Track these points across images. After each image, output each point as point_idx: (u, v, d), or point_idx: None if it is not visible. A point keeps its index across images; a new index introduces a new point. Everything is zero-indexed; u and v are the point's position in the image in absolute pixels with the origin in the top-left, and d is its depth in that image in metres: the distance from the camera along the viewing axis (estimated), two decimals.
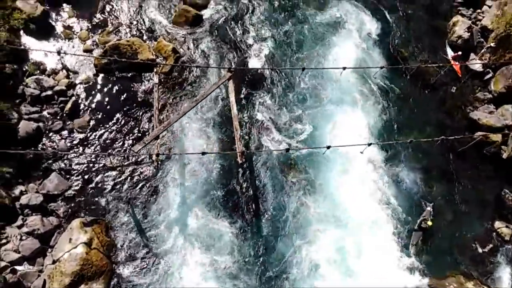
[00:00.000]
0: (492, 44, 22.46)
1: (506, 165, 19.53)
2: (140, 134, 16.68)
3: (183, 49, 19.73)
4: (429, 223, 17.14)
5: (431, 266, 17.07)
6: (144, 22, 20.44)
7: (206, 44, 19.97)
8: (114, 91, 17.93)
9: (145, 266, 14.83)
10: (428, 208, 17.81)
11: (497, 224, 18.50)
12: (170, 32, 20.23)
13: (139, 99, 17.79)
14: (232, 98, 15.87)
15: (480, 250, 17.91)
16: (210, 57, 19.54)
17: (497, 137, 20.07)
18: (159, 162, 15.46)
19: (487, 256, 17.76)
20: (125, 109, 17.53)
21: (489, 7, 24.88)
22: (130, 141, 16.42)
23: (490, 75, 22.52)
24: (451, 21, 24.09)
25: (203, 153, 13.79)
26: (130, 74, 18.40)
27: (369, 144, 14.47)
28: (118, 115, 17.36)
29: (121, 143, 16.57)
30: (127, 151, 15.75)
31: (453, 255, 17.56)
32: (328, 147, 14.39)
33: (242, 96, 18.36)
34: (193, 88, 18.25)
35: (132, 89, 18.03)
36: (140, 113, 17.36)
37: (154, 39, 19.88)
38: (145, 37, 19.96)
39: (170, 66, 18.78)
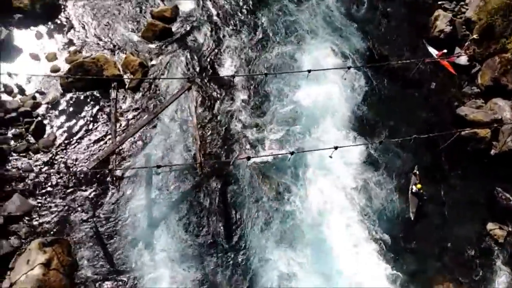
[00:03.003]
0: (475, 36, 22.16)
1: (496, 162, 18.97)
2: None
3: (151, 63, 20.14)
4: (419, 186, 17.71)
5: (418, 273, 16.52)
6: (113, 39, 20.98)
7: (174, 56, 20.38)
8: (80, 109, 18.33)
9: (109, 285, 14.78)
10: (414, 171, 18.37)
11: (490, 225, 17.86)
12: (139, 47, 20.72)
13: (105, 116, 18.08)
14: (192, 108, 16.06)
15: (471, 255, 17.27)
16: (177, 69, 19.89)
17: (485, 133, 19.56)
18: (114, 178, 15.60)
19: (480, 260, 17.11)
20: (90, 126, 17.89)
21: None
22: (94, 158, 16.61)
23: (476, 68, 22.17)
24: (433, 16, 23.94)
25: (158, 166, 13.83)
26: (97, 91, 18.80)
27: (336, 148, 14.19)
28: (83, 133, 17.69)
29: (85, 160, 16.79)
30: (81, 169, 15.89)
31: (443, 261, 17.00)
32: (292, 153, 14.29)
33: (206, 105, 18.60)
34: (159, 101, 18.48)
35: (98, 105, 18.42)
36: (106, 129, 17.60)
37: (123, 55, 20.31)
38: (114, 53, 20.44)
39: (138, 81, 19.15)
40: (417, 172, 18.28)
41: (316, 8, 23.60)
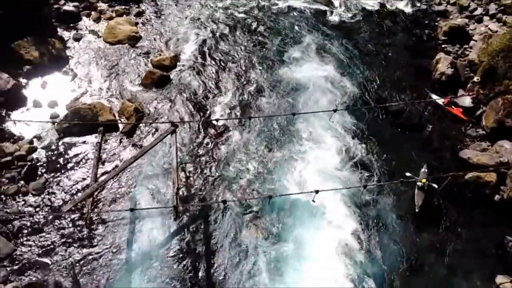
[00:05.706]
0: (475, 79, 21.82)
1: (503, 209, 17.75)
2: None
3: (147, 109, 20.98)
4: (423, 180, 17.67)
5: None
6: (113, 87, 22.23)
7: (169, 102, 21.29)
8: (73, 153, 19.04)
9: None
10: (423, 169, 18.53)
11: (499, 279, 16.29)
12: (136, 94, 21.79)
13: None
14: (173, 151, 16.39)
15: None
16: (170, 113, 20.61)
17: (491, 177, 18.53)
18: (88, 221, 15.75)
19: None
20: (79, 169, 18.43)
21: (476, 41, 24.66)
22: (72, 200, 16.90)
23: (481, 110, 21.58)
24: (434, 59, 23.99)
25: (131, 210, 13.90)
26: (92, 136, 19.55)
27: (317, 191, 13.87)
28: (72, 176, 18.22)
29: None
30: (57, 212, 16.12)
31: None
32: (270, 197, 14.00)
33: (191, 149, 19.06)
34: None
35: (90, 150, 19.05)
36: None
37: (120, 101, 21.35)
38: (112, 100, 21.51)
39: (131, 125, 19.89)
40: (426, 170, 18.49)
41: (321, 54, 24.65)
